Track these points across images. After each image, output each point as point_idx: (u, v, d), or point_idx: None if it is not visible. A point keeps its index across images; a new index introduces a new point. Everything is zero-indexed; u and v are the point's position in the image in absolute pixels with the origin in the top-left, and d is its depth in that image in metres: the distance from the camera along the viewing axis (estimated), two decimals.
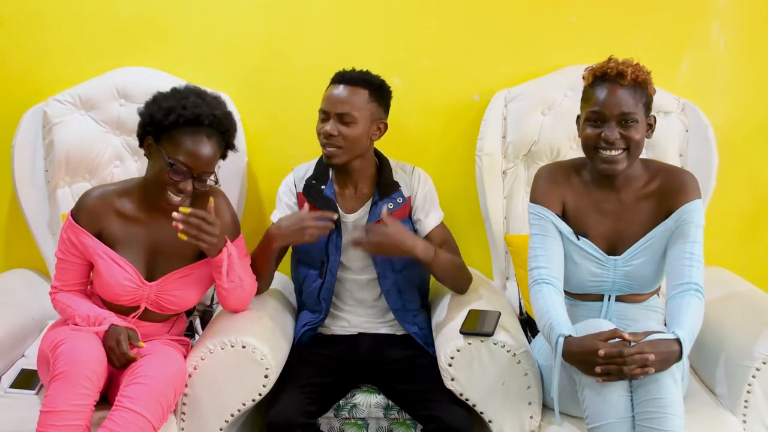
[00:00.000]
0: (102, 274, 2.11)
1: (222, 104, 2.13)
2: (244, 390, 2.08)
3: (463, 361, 2.08)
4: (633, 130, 2.02)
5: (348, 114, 2.25)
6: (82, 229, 2.10)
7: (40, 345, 2.11)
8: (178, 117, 2.02)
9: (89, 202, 2.13)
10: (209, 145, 2.05)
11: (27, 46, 2.71)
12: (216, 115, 2.06)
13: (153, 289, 2.14)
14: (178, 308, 2.21)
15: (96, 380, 1.93)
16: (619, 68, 2.03)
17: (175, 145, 2.03)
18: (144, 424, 1.89)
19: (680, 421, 1.83)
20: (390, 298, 2.35)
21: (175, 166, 2.02)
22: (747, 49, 2.70)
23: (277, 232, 2.26)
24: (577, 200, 2.15)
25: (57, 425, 1.85)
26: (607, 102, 2.03)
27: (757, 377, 2.03)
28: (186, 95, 2.07)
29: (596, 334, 1.91)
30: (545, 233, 2.13)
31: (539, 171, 2.21)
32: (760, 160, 2.75)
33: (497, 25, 2.70)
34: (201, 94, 2.09)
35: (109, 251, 2.11)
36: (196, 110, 2.03)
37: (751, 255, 2.80)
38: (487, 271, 2.74)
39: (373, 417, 2.27)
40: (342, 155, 2.28)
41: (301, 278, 2.41)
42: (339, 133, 2.25)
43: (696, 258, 2.04)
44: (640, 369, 1.84)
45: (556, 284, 2.09)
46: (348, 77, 2.29)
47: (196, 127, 2.04)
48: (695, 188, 2.09)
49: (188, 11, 2.70)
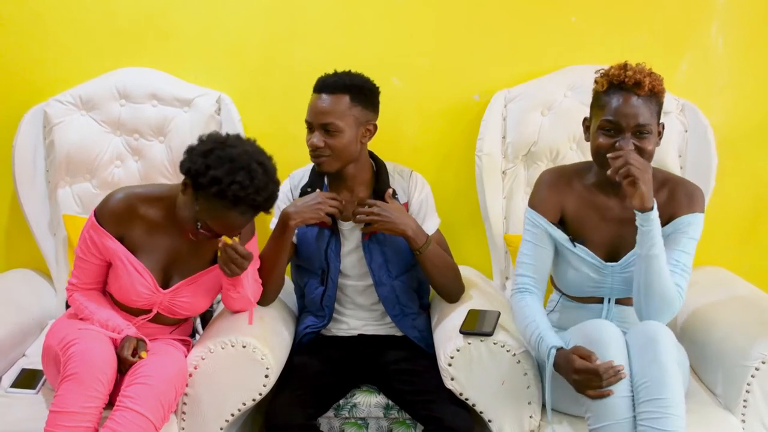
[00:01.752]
0: (120, 277, 2.11)
1: (270, 181, 1.99)
2: (244, 390, 2.08)
3: (462, 361, 2.08)
4: (647, 142, 2.00)
5: (331, 124, 2.22)
6: (104, 231, 2.08)
7: (46, 339, 2.11)
8: (219, 191, 1.93)
9: (114, 204, 2.09)
10: (243, 219, 1.99)
11: (27, 47, 2.71)
12: (257, 200, 1.96)
13: (167, 296, 2.14)
14: (189, 314, 2.22)
15: (107, 383, 1.93)
16: (637, 77, 1.99)
17: (210, 211, 1.97)
18: (146, 424, 1.89)
19: (681, 422, 1.83)
20: (387, 305, 2.34)
21: (202, 227, 2.00)
22: (746, 50, 2.70)
23: (293, 210, 2.22)
24: (577, 206, 2.14)
25: (66, 426, 1.85)
26: (623, 112, 1.99)
27: (756, 377, 2.03)
28: (235, 170, 1.92)
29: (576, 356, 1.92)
30: (537, 241, 2.14)
31: (542, 175, 2.21)
32: (759, 160, 2.75)
33: (497, 25, 2.71)
34: (252, 171, 1.93)
35: (130, 257, 2.10)
36: (240, 193, 1.92)
37: (751, 255, 2.80)
38: (486, 271, 2.74)
39: (373, 417, 2.27)
40: (332, 163, 2.26)
41: (302, 284, 2.41)
42: (325, 144, 2.23)
43: (680, 266, 2.02)
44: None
45: (537, 294, 2.13)
46: (327, 84, 2.25)
47: (236, 205, 1.95)
48: (700, 202, 2.08)
49: (189, 11, 2.70)
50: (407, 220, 2.25)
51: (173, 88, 2.65)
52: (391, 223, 2.22)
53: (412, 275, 2.38)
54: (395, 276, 2.34)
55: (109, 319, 2.08)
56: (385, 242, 2.31)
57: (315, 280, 2.35)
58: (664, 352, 1.88)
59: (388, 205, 2.24)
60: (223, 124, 2.65)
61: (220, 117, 2.66)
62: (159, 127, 2.65)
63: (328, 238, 2.31)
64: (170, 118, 2.64)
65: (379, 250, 2.31)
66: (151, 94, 2.63)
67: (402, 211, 2.27)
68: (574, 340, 1.99)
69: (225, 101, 2.67)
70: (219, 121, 2.66)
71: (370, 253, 2.31)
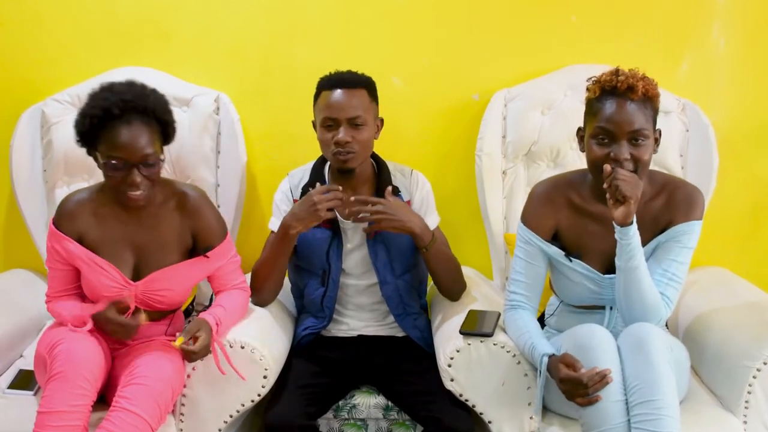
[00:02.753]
0: (86, 277, 2.11)
1: (135, 87, 2.06)
2: (243, 390, 2.07)
3: (462, 362, 2.07)
4: (643, 150, 1.94)
5: (359, 117, 2.22)
6: (63, 235, 2.10)
7: (37, 347, 2.11)
8: (91, 118, 1.99)
9: (67, 207, 2.12)
10: (132, 129, 1.99)
11: (26, 46, 2.71)
12: (125, 99, 1.99)
13: (139, 288, 2.13)
14: (167, 305, 2.19)
15: (93, 380, 1.92)
16: (629, 82, 1.93)
17: (104, 144, 2.00)
18: (142, 425, 1.88)
19: (676, 423, 1.82)
20: (391, 303, 2.33)
21: (110, 163, 2.01)
22: (747, 49, 2.70)
23: (293, 218, 2.20)
24: (573, 220, 2.10)
25: (54, 426, 1.85)
26: (616, 119, 1.93)
27: (758, 377, 2.02)
28: (95, 95, 2.03)
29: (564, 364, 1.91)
30: (529, 259, 2.12)
31: (534, 189, 2.16)
32: (760, 160, 2.75)
33: (497, 25, 2.70)
34: (109, 88, 2.03)
35: (91, 255, 2.10)
36: (103, 104, 1.98)
37: (751, 255, 2.80)
38: (486, 271, 2.74)
39: (373, 418, 2.26)
40: (357, 159, 2.25)
41: (302, 284, 2.40)
42: (353, 139, 2.22)
43: (669, 275, 2.00)
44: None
45: (530, 310, 2.12)
46: (345, 80, 2.25)
47: (112, 120, 1.98)
48: (699, 207, 2.03)
49: (189, 11, 2.70)
50: (413, 218, 2.23)
51: (172, 88, 2.63)
52: (398, 221, 2.19)
53: (414, 274, 2.37)
54: (399, 275, 2.33)
55: (83, 308, 2.08)
56: (390, 240, 2.29)
57: (315, 281, 2.34)
58: (656, 353, 1.87)
59: (392, 203, 2.21)
60: (221, 124, 2.64)
61: (218, 117, 2.65)
62: None
63: (330, 239, 2.29)
64: None
65: (384, 248, 2.30)
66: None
67: (406, 208, 2.25)
68: (565, 346, 1.98)
69: (224, 101, 2.66)
70: (218, 120, 2.65)
71: (375, 251, 2.30)
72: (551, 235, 2.12)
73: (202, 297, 2.62)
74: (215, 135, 2.65)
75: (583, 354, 1.91)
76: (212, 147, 2.64)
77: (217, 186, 2.65)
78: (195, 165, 2.62)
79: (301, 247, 2.33)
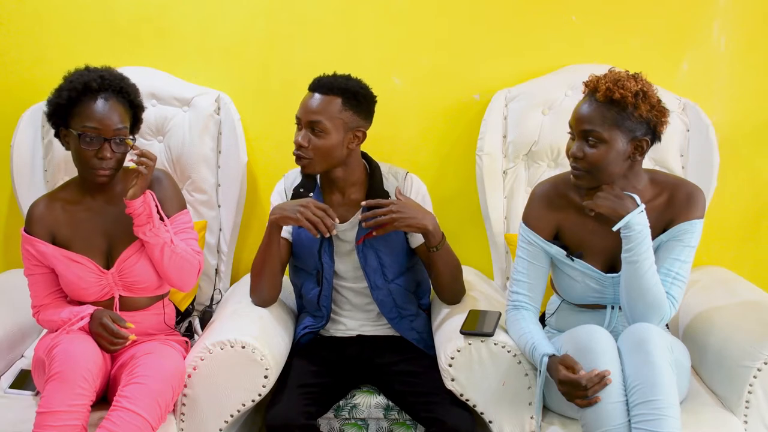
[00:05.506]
0: (62, 275, 2.13)
1: (112, 70, 2.15)
2: (243, 390, 2.07)
3: (463, 362, 2.07)
4: (597, 152, 1.96)
5: (319, 123, 2.18)
6: (35, 238, 2.13)
7: (35, 352, 2.12)
8: (69, 92, 2.06)
9: (35, 210, 2.17)
10: (108, 104, 2.07)
11: (26, 46, 2.71)
12: (103, 76, 2.09)
13: (115, 275, 2.14)
14: (147, 286, 2.18)
15: (92, 380, 1.93)
16: (599, 83, 1.96)
17: (78, 117, 2.06)
18: (142, 424, 1.89)
19: (676, 423, 1.82)
20: (384, 308, 2.32)
21: (84, 135, 2.04)
22: (748, 49, 2.70)
23: (277, 208, 2.20)
24: (574, 220, 2.11)
25: (53, 426, 1.85)
26: (575, 115, 2.01)
27: (759, 378, 2.02)
28: (72, 74, 2.12)
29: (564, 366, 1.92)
30: (531, 259, 2.12)
31: (535, 189, 2.17)
32: (760, 160, 2.75)
33: (498, 25, 2.70)
34: (87, 68, 2.13)
35: (63, 251, 2.13)
36: (82, 78, 2.07)
37: (752, 254, 2.80)
38: (487, 271, 2.74)
39: (373, 417, 2.26)
40: (313, 165, 2.22)
41: (299, 284, 2.40)
42: (309, 144, 2.19)
43: (672, 274, 2.00)
44: None
45: (533, 310, 2.12)
46: (322, 84, 2.22)
47: (90, 94, 2.06)
48: (700, 206, 2.04)
49: (188, 11, 2.70)
50: (427, 215, 2.20)
51: (172, 88, 2.65)
52: (412, 219, 2.17)
53: (408, 277, 2.36)
54: (391, 279, 2.31)
55: (70, 311, 2.09)
56: (380, 246, 2.28)
57: (311, 281, 2.34)
58: (656, 353, 1.87)
59: (404, 202, 2.19)
60: (222, 124, 2.64)
61: (219, 116, 2.65)
62: (158, 127, 2.64)
63: (321, 240, 2.28)
64: (169, 118, 2.63)
65: (373, 254, 2.28)
66: (150, 93, 2.62)
67: (419, 206, 2.22)
68: (565, 347, 1.98)
69: (224, 100, 2.66)
70: (218, 120, 2.65)
71: (364, 257, 2.29)
72: (553, 235, 2.12)
73: (202, 297, 2.62)
74: (216, 135, 2.65)
75: (582, 355, 1.91)
76: (213, 147, 2.64)
77: (218, 186, 2.65)
78: (196, 165, 2.62)
79: (296, 247, 2.33)
